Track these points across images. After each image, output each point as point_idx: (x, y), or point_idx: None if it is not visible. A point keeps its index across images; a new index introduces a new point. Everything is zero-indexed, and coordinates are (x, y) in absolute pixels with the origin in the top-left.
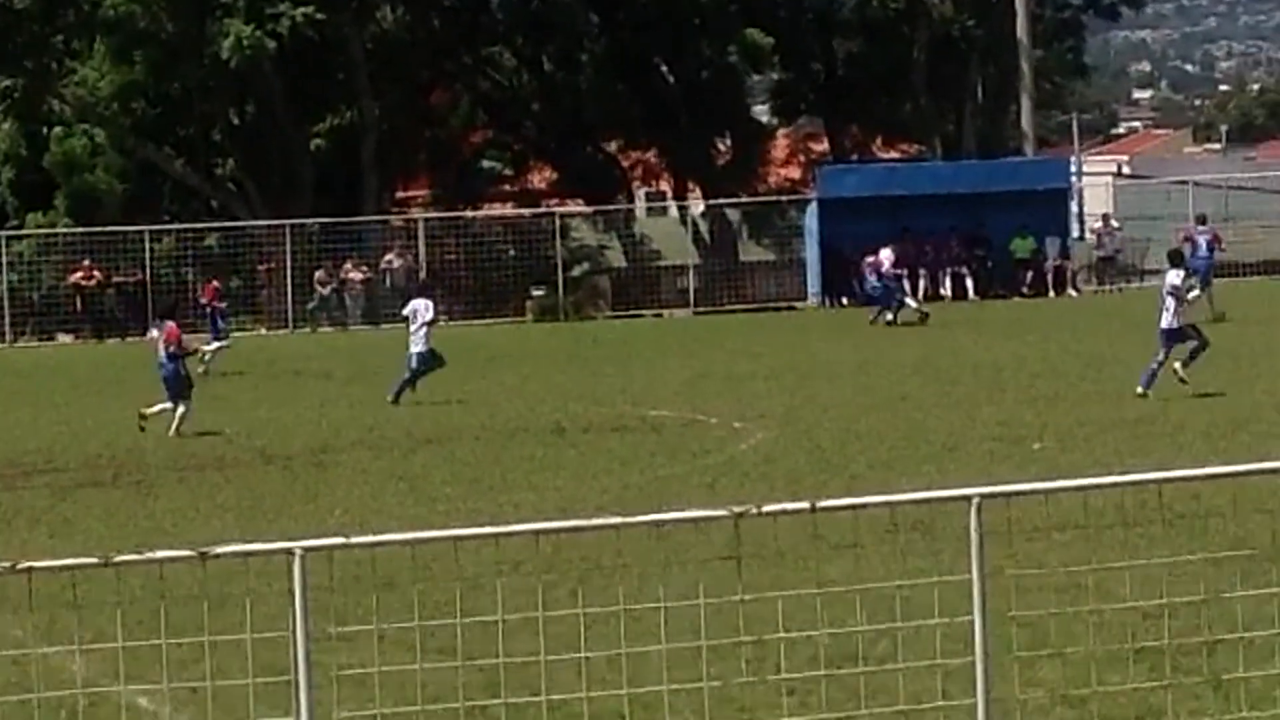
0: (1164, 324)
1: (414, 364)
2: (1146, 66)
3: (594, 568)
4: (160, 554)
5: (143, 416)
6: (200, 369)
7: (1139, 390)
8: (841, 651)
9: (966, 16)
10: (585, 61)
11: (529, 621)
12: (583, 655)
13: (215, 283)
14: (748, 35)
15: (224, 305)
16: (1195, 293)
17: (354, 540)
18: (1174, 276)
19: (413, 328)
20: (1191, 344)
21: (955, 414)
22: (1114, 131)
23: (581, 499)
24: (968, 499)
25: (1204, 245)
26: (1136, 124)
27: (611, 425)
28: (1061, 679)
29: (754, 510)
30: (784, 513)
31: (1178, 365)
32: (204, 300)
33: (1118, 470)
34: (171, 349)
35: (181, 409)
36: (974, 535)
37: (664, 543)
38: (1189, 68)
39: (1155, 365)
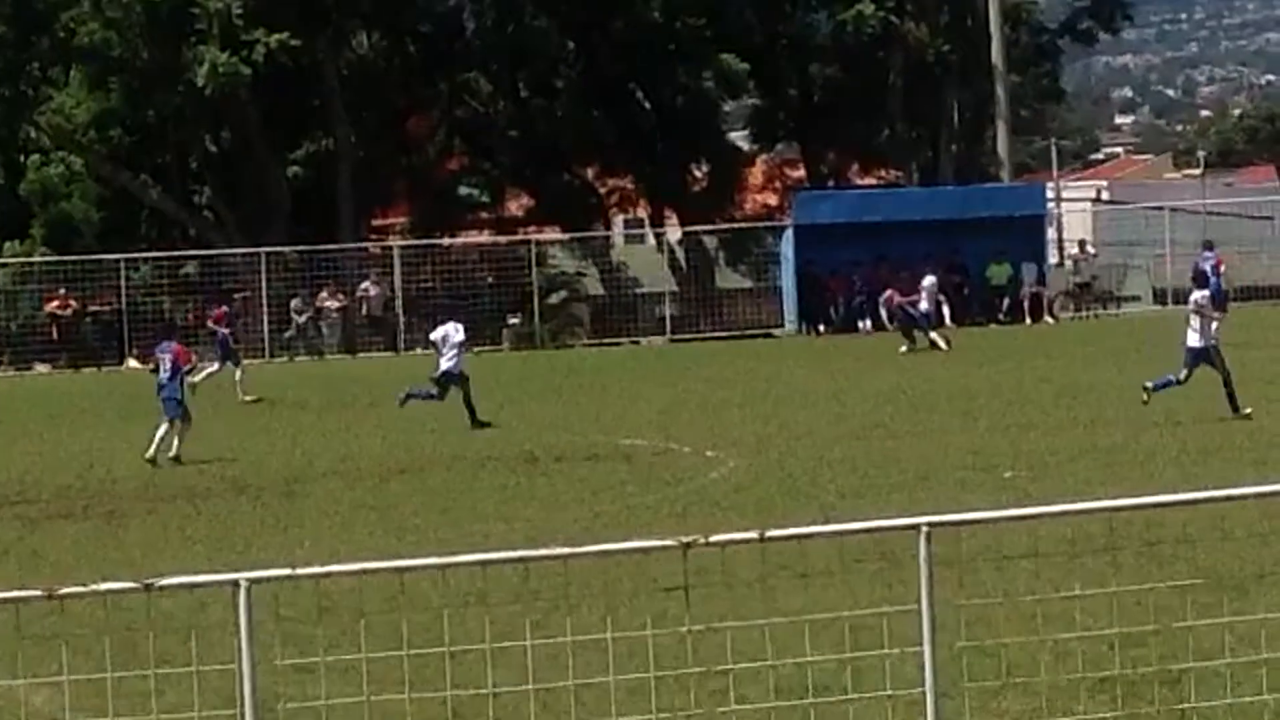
0: (1190, 342)
1: (440, 379)
2: (1128, 92)
3: (559, 598)
4: (105, 586)
5: (152, 461)
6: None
7: (1145, 386)
8: (795, 682)
9: (942, 42)
10: (561, 88)
11: (490, 652)
12: (531, 687)
13: (224, 307)
14: (723, 61)
15: (229, 331)
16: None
17: (299, 571)
18: (1199, 295)
19: (444, 349)
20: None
21: (928, 442)
22: (1094, 157)
23: (551, 528)
24: (916, 528)
25: (1210, 271)
26: (1118, 149)
27: (584, 454)
28: (1024, 709)
29: (701, 540)
30: (732, 543)
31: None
32: (212, 325)
33: (1089, 498)
34: (185, 368)
35: (182, 427)
36: (923, 565)
37: (634, 571)
38: (1171, 93)
39: (1173, 378)
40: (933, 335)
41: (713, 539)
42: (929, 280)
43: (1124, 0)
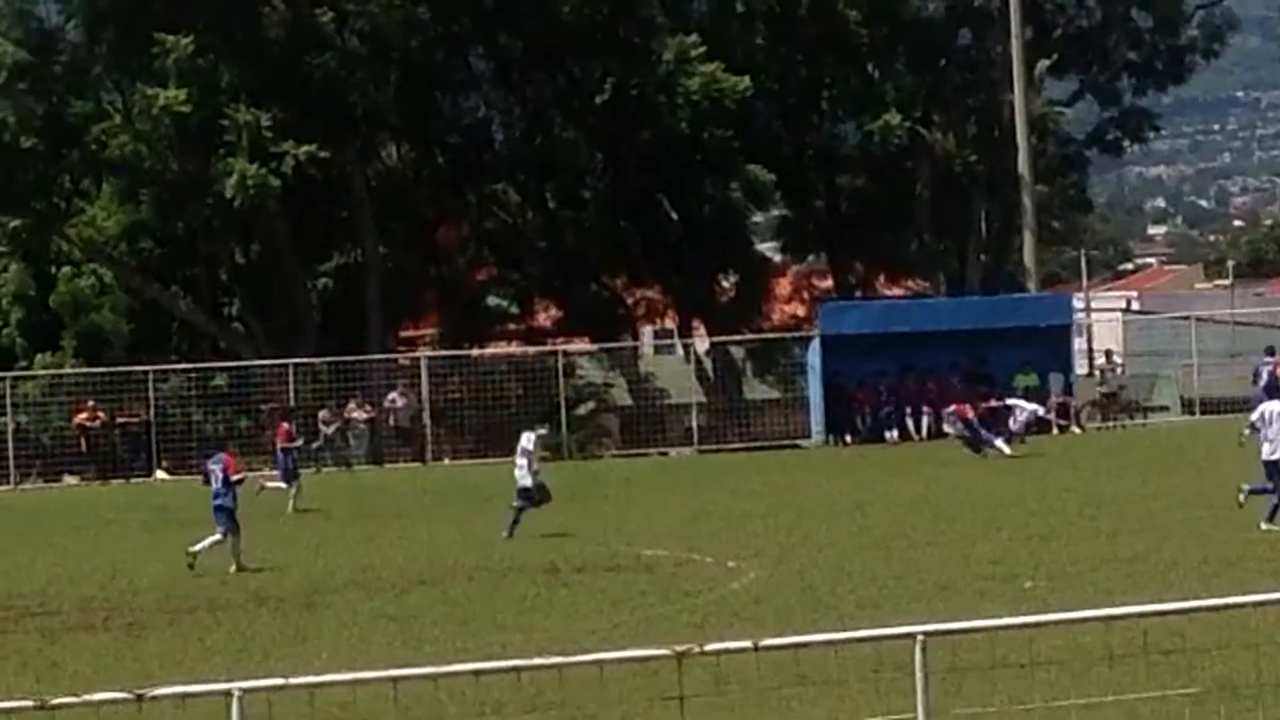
0: (1266, 456)
1: (523, 499)
2: (1161, 202)
3: (576, 709)
4: (97, 696)
5: (191, 555)
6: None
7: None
8: None
9: (969, 152)
10: (589, 199)
11: None
12: None
13: (286, 424)
14: (750, 172)
15: (296, 445)
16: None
17: (292, 681)
18: (1276, 406)
19: (519, 460)
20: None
21: (949, 552)
22: (1123, 267)
23: (569, 639)
24: (912, 637)
25: (1265, 376)
26: (1150, 260)
27: (605, 565)
28: None
29: (696, 649)
30: (725, 652)
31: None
32: (280, 442)
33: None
34: (236, 478)
35: (233, 539)
36: (919, 673)
37: (650, 681)
38: (1204, 203)
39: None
40: (998, 444)
41: (707, 648)
42: (1025, 407)
43: (1151, 111)
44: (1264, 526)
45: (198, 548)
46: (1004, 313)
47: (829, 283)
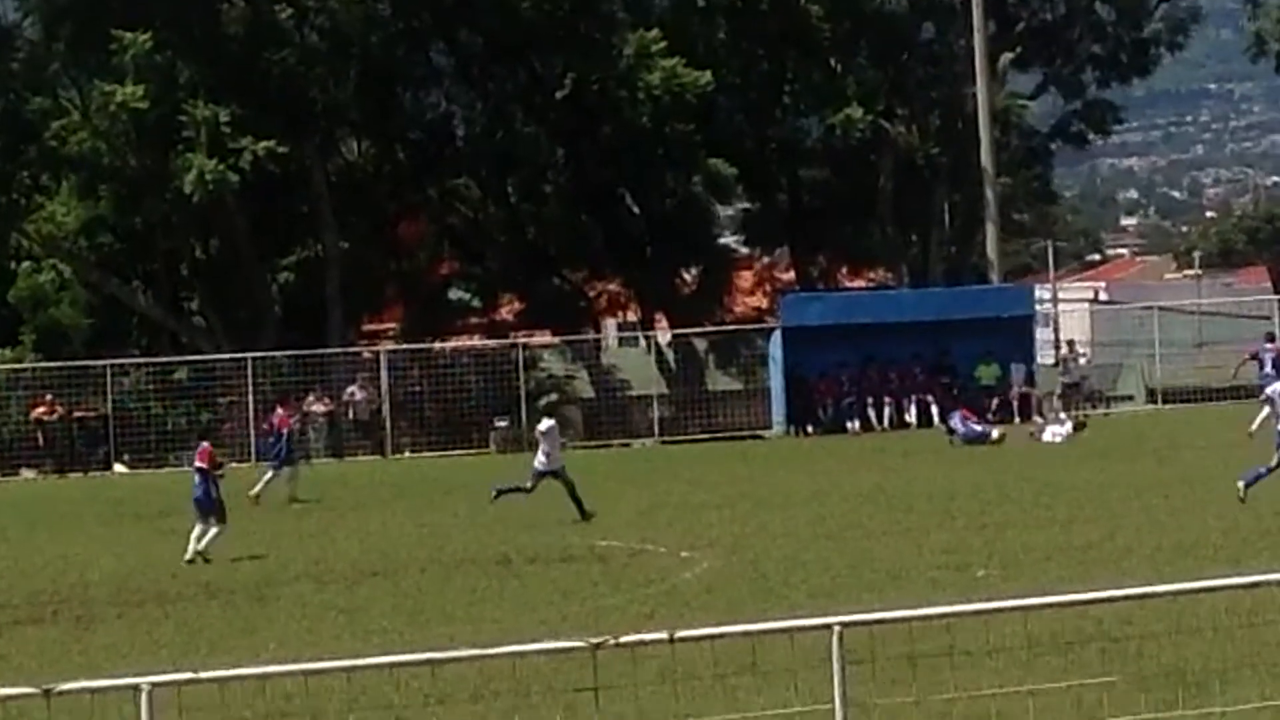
0: None
1: (532, 480)
2: (1134, 194)
3: (520, 698)
4: (2, 691)
5: (199, 555)
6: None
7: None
8: None
9: (932, 145)
10: (550, 193)
11: None
12: None
13: (282, 410)
14: (711, 165)
15: (295, 431)
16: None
17: (202, 675)
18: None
19: (541, 444)
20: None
21: (903, 542)
22: (1091, 258)
23: (518, 630)
24: (829, 628)
25: (1269, 363)
26: (1123, 250)
27: (559, 556)
28: None
29: (611, 641)
30: (640, 643)
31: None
32: (282, 429)
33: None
34: (216, 470)
35: (215, 530)
36: (836, 664)
37: (603, 670)
38: (1176, 195)
39: (1263, 469)
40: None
41: (622, 640)
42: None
43: (1115, 104)
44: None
45: (202, 545)
46: (966, 304)
47: (791, 275)
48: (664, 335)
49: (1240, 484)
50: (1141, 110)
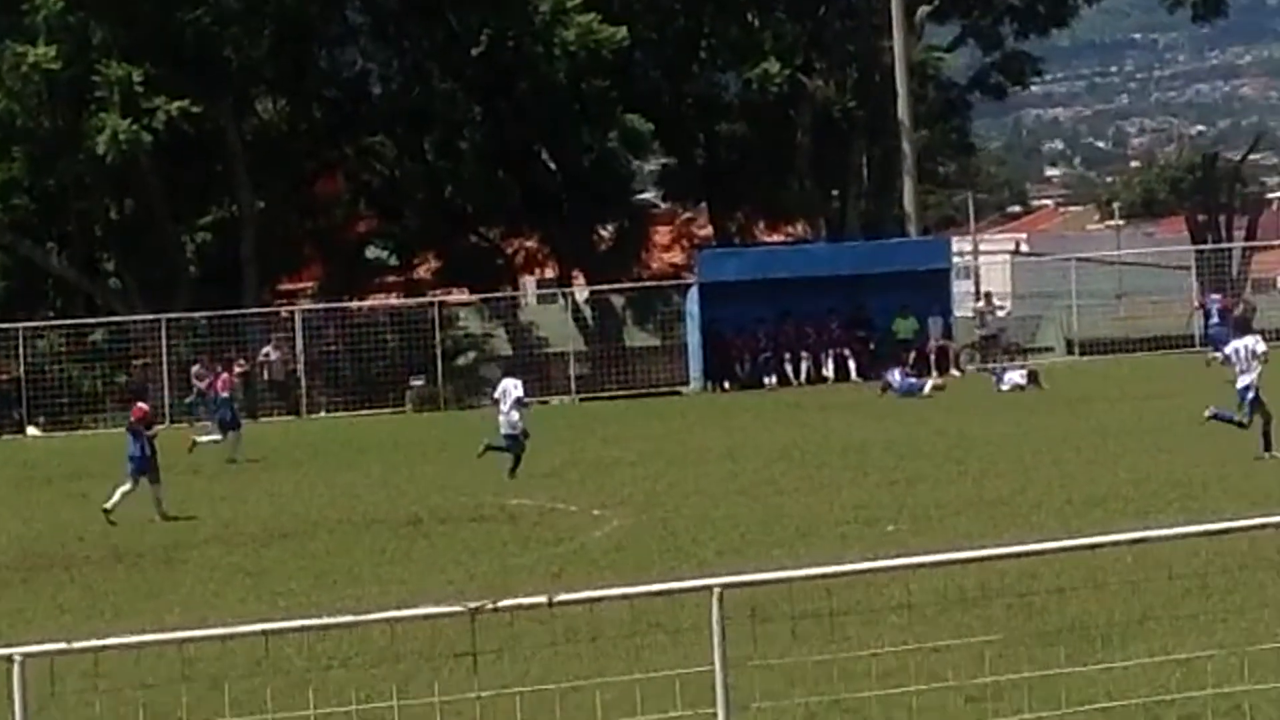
0: (1241, 385)
1: (506, 443)
2: (1059, 144)
3: (423, 661)
4: None
5: (106, 512)
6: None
7: (1269, 455)
8: None
9: (849, 98)
10: (466, 150)
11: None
12: None
13: (225, 374)
14: (628, 121)
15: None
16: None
17: (75, 645)
18: (1253, 341)
19: (504, 406)
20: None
21: (815, 497)
22: (1013, 209)
23: (424, 591)
24: (709, 589)
25: (1215, 313)
26: (1047, 201)
27: (469, 515)
28: None
29: (489, 606)
30: (519, 608)
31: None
32: (221, 390)
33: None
34: (146, 429)
35: (154, 488)
36: (715, 626)
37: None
38: (1101, 145)
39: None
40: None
41: (500, 605)
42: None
43: (1034, 55)
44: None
45: (111, 503)
46: (882, 258)
47: (709, 230)
48: (582, 292)
49: (1208, 412)
50: (1066, 60)
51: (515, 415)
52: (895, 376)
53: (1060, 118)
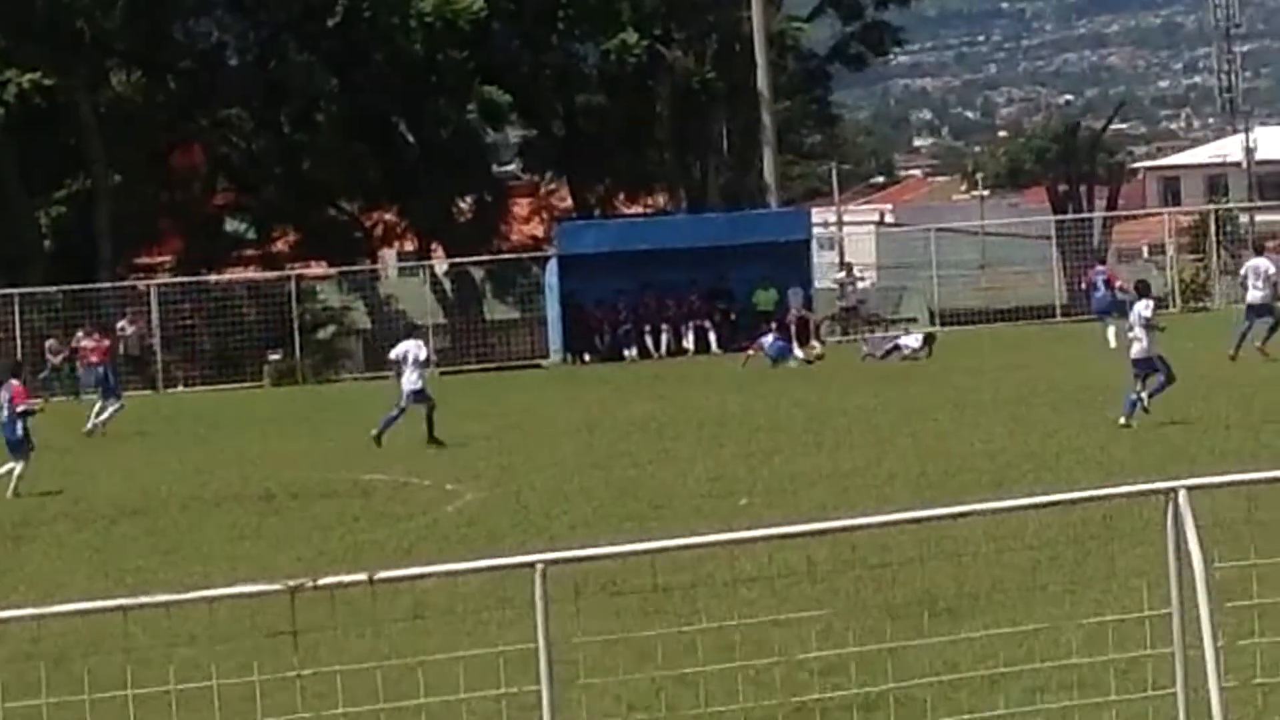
0: (1135, 354)
1: (405, 402)
2: (928, 114)
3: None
4: None
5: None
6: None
7: (1121, 421)
8: None
9: (709, 69)
10: (323, 123)
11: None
12: None
13: (106, 342)
14: (485, 93)
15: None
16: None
17: None
18: (1143, 307)
19: (405, 369)
20: (1159, 378)
21: (670, 470)
22: (876, 180)
23: (273, 567)
24: (532, 565)
25: (1101, 285)
26: (915, 171)
27: (322, 490)
28: None
29: (309, 584)
30: (339, 586)
31: (1145, 395)
32: (94, 361)
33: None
34: (21, 408)
35: (19, 467)
36: (539, 602)
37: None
38: (970, 115)
39: (1134, 396)
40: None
41: (320, 583)
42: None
43: (894, 25)
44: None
45: (9, 493)
46: (742, 229)
47: (569, 202)
48: (441, 265)
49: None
50: (934, 30)
51: (415, 375)
52: (767, 339)
53: (929, 88)
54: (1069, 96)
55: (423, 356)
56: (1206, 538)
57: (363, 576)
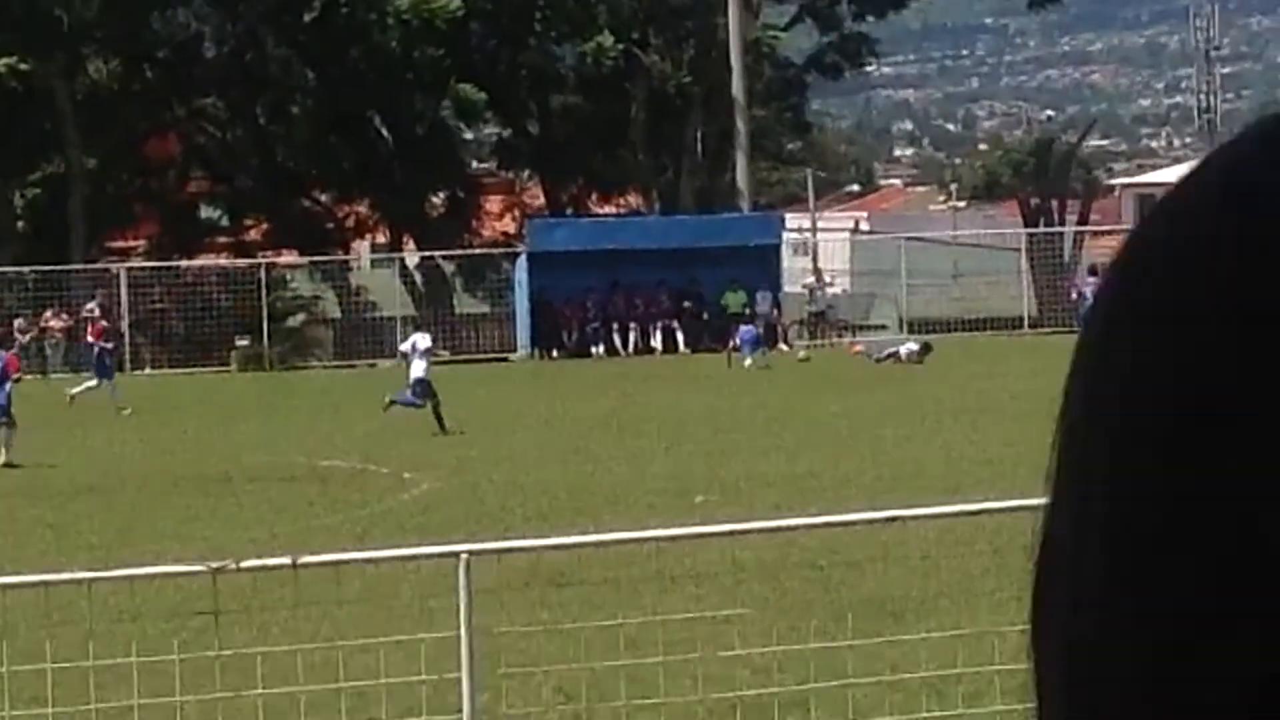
0: None
1: (415, 392)
2: (909, 125)
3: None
4: None
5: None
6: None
7: None
8: (329, 707)
9: (684, 74)
10: (299, 115)
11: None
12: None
13: (104, 322)
14: (460, 90)
15: (111, 345)
16: None
17: None
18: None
19: (413, 357)
20: None
21: (628, 466)
22: (851, 189)
23: (226, 548)
24: (456, 555)
25: (1090, 297)
26: (895, 181)
27: (280, 475)
28: None
29: (232, 566)
30: (264, 569)
31: None
32: (91, 340)
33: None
34: (15, 377)
35: (6, 435)
36: (462, 592)
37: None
38: (951, 127)
39: None
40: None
41: (243, 565)
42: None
43: (871, 37)
44: None
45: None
46: (713, 232)
47: (543, 200)
48: (412, 258)
49: None
50: (917, 43)
51: (422, 364)
52: (743, 330)
53: (911, 99)
54: (1050, 112)
55: (427, 345)
56: None
57: (286, 560)
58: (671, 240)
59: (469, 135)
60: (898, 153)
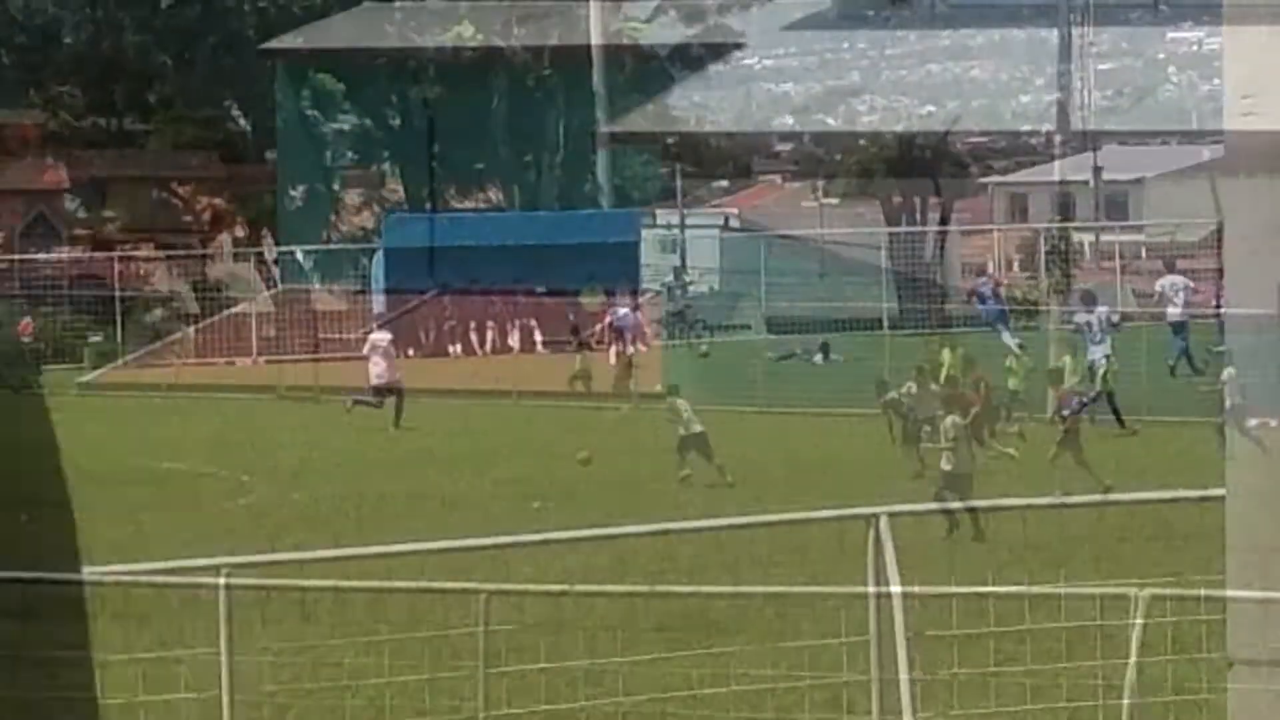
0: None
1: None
2: (790, 120)
3: None
4: None
5: None
6: None
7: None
8: None
9: (545, 66)
10: (156, 103)
11: None
12: None
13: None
14: (319, 80)
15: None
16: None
17: None
18: (1106, 310)
19: (375, 357)
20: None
21: (471, 471)
22: (721, 185)
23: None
24: (217, 569)
25: (990, 295)
26: (775, 177)
27: (121, 477)
28: None
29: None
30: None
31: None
32: (25, 337)
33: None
34: None
35: None
36: (222, 609)
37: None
38: (832, 122)
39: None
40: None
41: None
42: None
43: (734, 29)
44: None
45: None
46: (572, 228)
47: (401, 194)
48: (270, 252)
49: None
50: (798, 35)
51: (383, 365)
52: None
53: (791, 93)
54: (931, 107)
55: (385, 344)
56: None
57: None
58: (530, 237)
59: (327, 126)
60: (778, 147)
